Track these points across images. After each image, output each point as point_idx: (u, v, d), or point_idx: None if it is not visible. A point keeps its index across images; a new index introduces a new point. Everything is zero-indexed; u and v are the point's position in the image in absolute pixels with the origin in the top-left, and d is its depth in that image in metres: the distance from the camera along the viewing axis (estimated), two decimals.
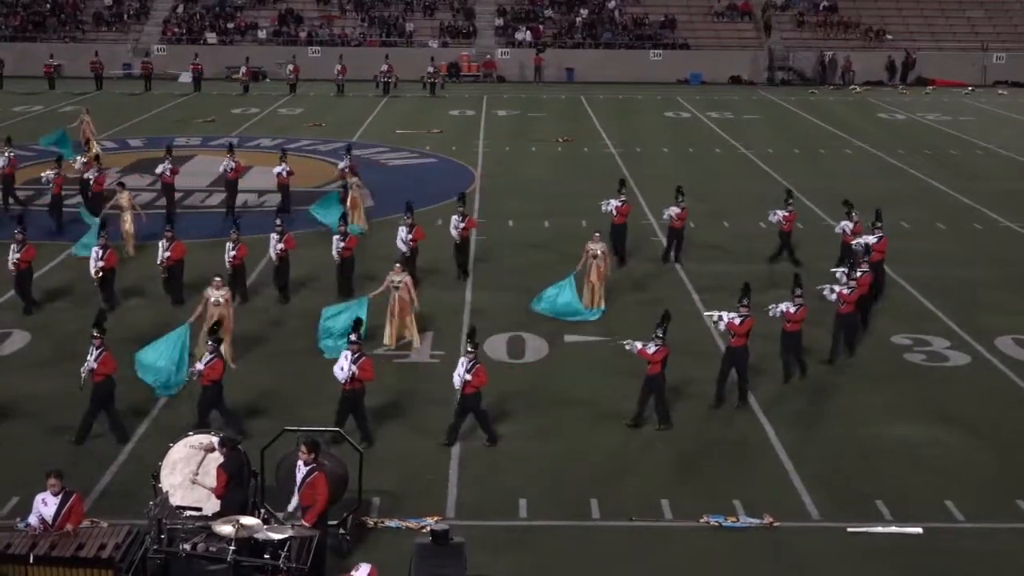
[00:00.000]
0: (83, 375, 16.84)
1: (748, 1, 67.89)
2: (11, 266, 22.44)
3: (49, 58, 57.24)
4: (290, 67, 56.85)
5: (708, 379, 18.99)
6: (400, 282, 21.11)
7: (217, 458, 13.72)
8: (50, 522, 12.75)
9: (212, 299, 20.08)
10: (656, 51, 64.76)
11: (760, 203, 32.33)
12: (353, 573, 11.54)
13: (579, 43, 66.06)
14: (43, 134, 37.26)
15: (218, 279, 20.56)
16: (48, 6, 66.33)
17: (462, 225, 24.93)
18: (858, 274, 21.11)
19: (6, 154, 30.73)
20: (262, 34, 65.29)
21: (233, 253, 22.90)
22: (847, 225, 24.60)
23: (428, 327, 21.90)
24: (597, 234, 23.78)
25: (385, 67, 57.02)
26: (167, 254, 22.84)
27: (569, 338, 21.55)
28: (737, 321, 18.46)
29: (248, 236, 23.93)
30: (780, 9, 68.46)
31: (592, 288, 23.11)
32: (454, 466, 16.56)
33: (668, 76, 63.29)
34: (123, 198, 27.30)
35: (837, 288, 20.47)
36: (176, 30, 65.53)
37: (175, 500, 13.64)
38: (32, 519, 12.86)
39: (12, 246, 22.53)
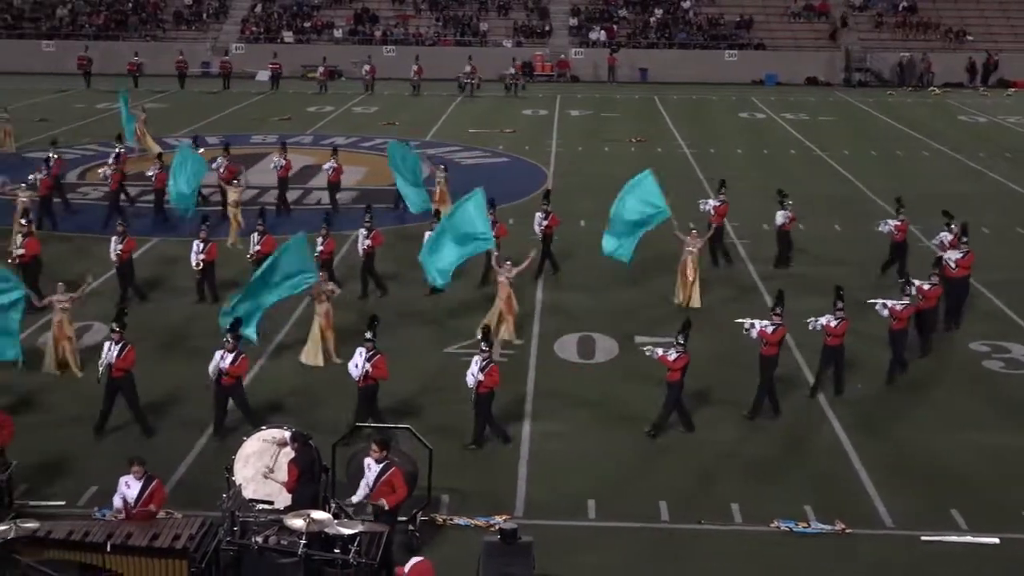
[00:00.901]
0: (100, 369, 17.16)
1: (826, 1, 67.10)
2: (113, 257, 22.98)
3: (134, 56, 57.97)
4: (366, 67, 57.09)
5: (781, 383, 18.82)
6: (514, 279, 21.32)
7: (289, 452, 13.90)
8: (132, 504, 13.15)
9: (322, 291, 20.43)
10: (731, 51, 64.29)
11: (838, 206, 32.08)
12: (405, 567, 11.62)
13: (653, 43, 65.78)
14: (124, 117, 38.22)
15: (323, 273, 20.96)
16: (130, 5, 67.55)
17: (545, 222, 24.99)
18: (926, 287, 20.44)
19: (117, 150, 31.47)
20: (338, 33, 65.91)
21: (321, 248, 23.25)
22: (945, 236, 23.49)
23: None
24: (695, 231, 23.90)
25: (468, 68, 56.95)
26: (257, 247, 23.23)
27: (640, 339, 21.45)
28: (769, 329, 18.08)
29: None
30: (858, 10, 67.58)
31: (686, 283, 23.43)
32: (523, 465, 16.59)
33: (743, 77, 62.82)
34: (233, 194, 28.01)
35: (889, 303, 19.59)
36: (254, 29, 66.39)
37: (248, 493, 13.83)
38: (116, 500, 13.29)
39: (114, 238, 23.05)
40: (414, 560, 11.72)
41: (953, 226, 23.65)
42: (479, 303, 23.21)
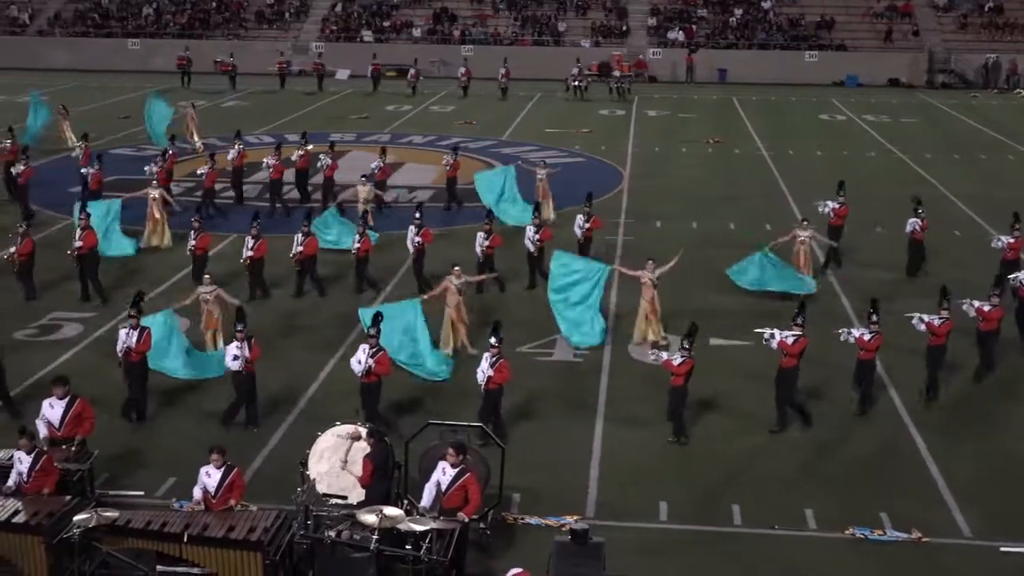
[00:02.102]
0: (120, 355, 17.50)
1: (909, 2, 66.06)
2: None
3: (229, 57, 57.50)
4: (462, 70, 55.98)
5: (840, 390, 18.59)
6: (656, 279, 21.40)
7: (363, 447, 14.03)
8: (212, 493, 13.36)
9: (453, 286, 20.78)
10: (811, 52, 63.58)
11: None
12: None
13: (732, 43, 65.28)
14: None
15: (458, 268, 21.29)
16: (214, 4, 68.55)
17: (587, 225, 24.93)
18: (987, 308, 19.38)
19: (237, 147, 32.05)
20: (417, 32, 66.28)
21: (358, 246, 23.69)
22: None
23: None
24: (805, 221, 24.49)
25: (575, 69, 55.72)
26: (300, 248, 23.24)
27: (715, 342, 21.31)
28: (789, 340, 17.46)
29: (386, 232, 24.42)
30: (943, 10, 66.44)
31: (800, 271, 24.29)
32: (594, 465, 16.57)
33: (823, 78, 62.07)
34: (362, 191, 28.49)
35: (926, 318, 18.61)
36: (333, 28, 67.01)
37: (321, 488, 13.99)
38: (196, 491, 13.52)
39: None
40: (514, 571, 11.66)
41: None
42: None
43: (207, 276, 21.06)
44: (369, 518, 12.25)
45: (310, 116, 48.79)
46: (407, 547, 12.30)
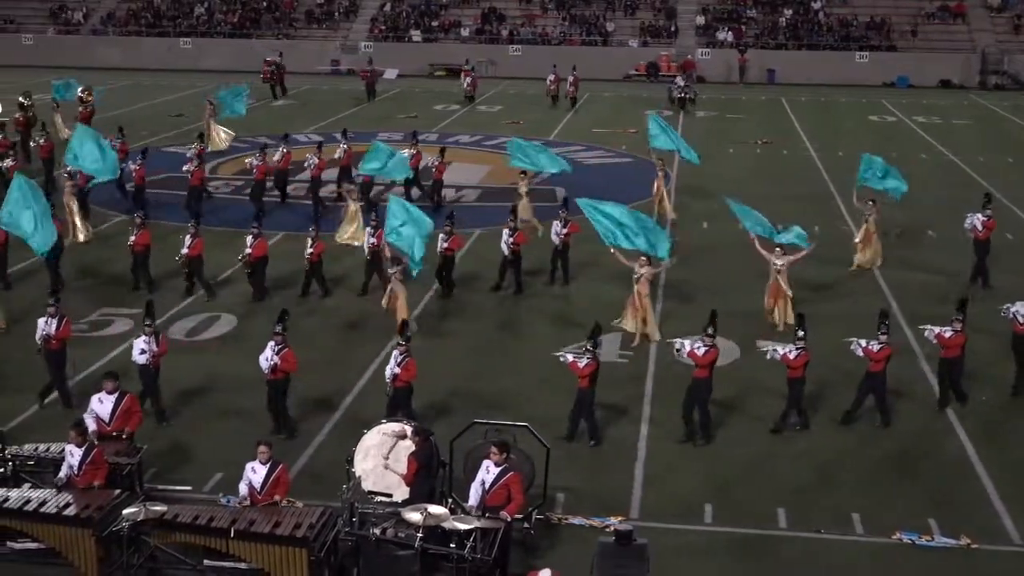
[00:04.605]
0: (39, 342, 17.77)
1: (962, 3, 65.30)
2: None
3: (278, 56, 56.25)
4: (551, 77, 52.85)
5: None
6: (640, 276, 21.54)
7: (408, 446, 14.09)
8: (258, 489, 13.47)
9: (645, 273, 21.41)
10: (862, 53, 63.03)
11: (970, 212, 31.19)
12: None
13: (782, 44, 64.84)
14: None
15: (644, 258, 21.69)
16: (264, 3, 69.05)
17: (564, 231, 24.74)
18: (948, 334, 18.13)
19: (343, 146, 32.43)
20: (465, 32, 66.42)
21: (311, 251, 23.38)
22: None
23: (616, 327, 21.90)
24: (871, 202, 26.22)
25: (682, 80, 52.58)
26: (250, 252, 23.19)
27: (762, 344, 21.17)
28: (700, 351, 17.06)
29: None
30: (996, 11, 65.63)
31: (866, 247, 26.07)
32: (639, 467, 16.53)
33: (874, 79, 61.53)
34: (522, 185, 28.90)
35: (863, 343, 17.65)
36: (382, 28, 67.28)
37: (367, 485, 14.07)
38: (242, 487, 13.66)
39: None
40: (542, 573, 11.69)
41: None
42: (607, 305, 23.25)
43: (391, 258, 21.40)
44: (414, 516, 12.32)
45: (358, 115, 49.01)
46: (451, 545, 12.35)
